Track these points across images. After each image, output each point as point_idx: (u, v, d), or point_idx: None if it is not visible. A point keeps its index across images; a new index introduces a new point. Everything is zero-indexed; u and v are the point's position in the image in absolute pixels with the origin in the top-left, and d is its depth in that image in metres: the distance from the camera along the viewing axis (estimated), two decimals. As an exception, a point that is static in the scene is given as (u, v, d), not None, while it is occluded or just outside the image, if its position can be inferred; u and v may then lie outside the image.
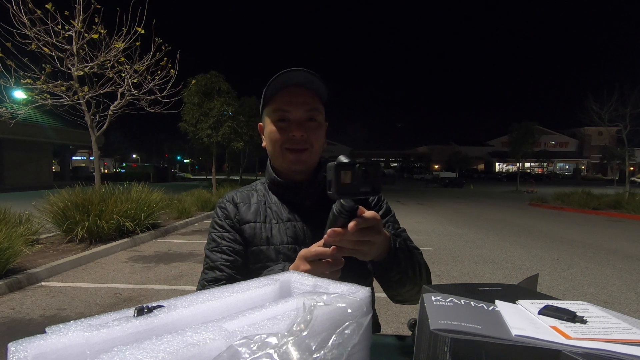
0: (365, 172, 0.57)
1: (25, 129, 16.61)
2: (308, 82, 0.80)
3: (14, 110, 5.79)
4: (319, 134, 0.83)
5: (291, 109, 0.80)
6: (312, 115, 0.81)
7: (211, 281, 0.81)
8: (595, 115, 13.97)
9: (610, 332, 0.33)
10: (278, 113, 0.81)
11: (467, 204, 14.54)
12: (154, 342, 0.28)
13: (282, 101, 0.80)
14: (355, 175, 0.57)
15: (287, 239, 0.83)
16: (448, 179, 31.74)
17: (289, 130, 0.80)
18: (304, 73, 0.78)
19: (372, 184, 0.57)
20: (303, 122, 0.80)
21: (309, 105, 0.80)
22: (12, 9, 5.16)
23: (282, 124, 0.81)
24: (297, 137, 0.79)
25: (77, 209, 5.39)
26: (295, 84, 0.80)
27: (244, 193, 0.92)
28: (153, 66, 6.10)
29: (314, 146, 0.82)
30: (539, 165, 57.55)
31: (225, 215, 0.88)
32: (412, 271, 0.74)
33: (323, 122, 0.85)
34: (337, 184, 0.56)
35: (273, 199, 0.89)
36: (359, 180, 0.57)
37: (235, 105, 13.62)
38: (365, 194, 0.57)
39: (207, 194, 10.73)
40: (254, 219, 0.86)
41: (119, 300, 3.40)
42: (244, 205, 0.89)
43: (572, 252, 5.73)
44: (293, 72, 0.78)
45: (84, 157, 47.68)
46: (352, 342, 0.35)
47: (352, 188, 0.57)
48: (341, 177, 0.56)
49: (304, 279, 0.51)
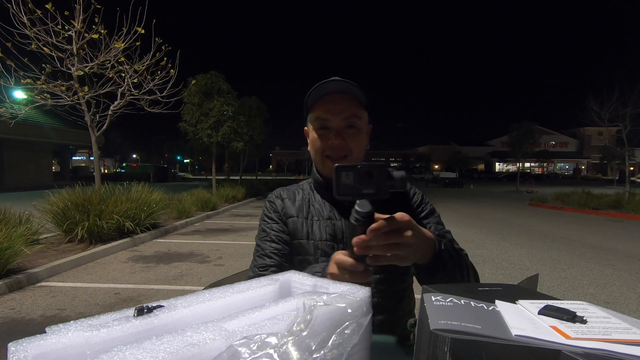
0: (369, 173, 0.57)
1: (25, 129, 16.62)
2: (345, 89, 0.84)
3: (14, 110, 5.78)
4: (359, 140, 0.86)
5: (330, 118, 0.84)
6: (351, 123, 0.84)
7: (262, 267, 0.87)
8: (595, 115, 13.96)
9: (610, 332, 0.33)
10: (318, 121, 0.86)
11: (467, 204, 14.54)
12: (154, 342, 0.28)
13: (321, 109, 0.85)
14: (357, 177, 0.57)
15: (326, 235, 0.88)
16: (448, 179, 31.72)
17: (328, 138, 0.84)
18: (341, 82, 0.83)
19: (376, 186, 0.57)
20: (342, 130, 0.84)
21: (347, 113, 0.84)
22: (12, 9, 5.16)
23: (322, 131, 0.85)
24: (336, 145, 0.83)
25: (77, 209, 5.39)
26: (334, 92, 0.84)
27: (290, 190, 0.99)
28: (153, 66, 6.10)
29: (354, 152, 0.85)
30: (539, 165, 57.56)
31: (274, 208, 0.94)
32: (460, 274, 0.71)
33: (364, 127, 0.88)
34: (337, 184, 0.57)
35: (317, 198, 0.95)
36: (362, 182, 0.57)
37: (235, 105, 13.62)
38: (368, 195, 0.57)
39: (207, 194, 10.73)
40: (296, 214, 0.92)
41: (119, 300, 3.40)
42: (290, 200, 0.95)
43: (572, 252, 5.73)
44: (331, 81, 0.83)
45: (84, 157, 47.68)
46: (352, 342, 0.35)
47: (353, 189, 0.57)
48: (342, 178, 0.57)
49: (304, 279, 0.51)
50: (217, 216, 9.73)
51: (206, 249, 5.54)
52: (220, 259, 4.97)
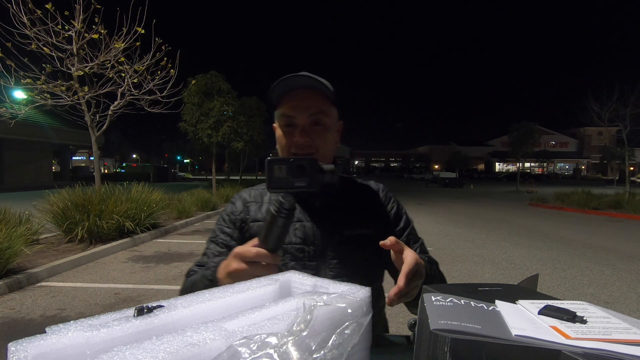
0: (301, 167, 0.59)
1: (25, 129, 16.59)
2: (311, 84, 0.79)
3: (14, 110, 5.78)
4: (326, 137, 0.82)
5: (296, 114, 0.80)
6: (317, 120, 0.80)
7: (199, 265, 0.85)
8: (595, 115, 13.97)
9: (610, 332, 0.33)
10: (284, 118, 0.82)
11: (467, 204, 14.53)
12: (154, 342, 0.28)
13: (287, 106, 0.81)
14: (290, 170, 0.59)
15: (296, 239, 0.83)
16: (448, 179, 31.69)
17: (293, 135, 0.80)
18: (307, 77, 0.78)
19: (308, 179, 0.59)
20: (307, 127, 0.80)
21: (313, 110, 0.80)
22: (12, 9, 5.15)
23: (288, 128, 0.82)
24: (302, 143, 0.79)
25: (77, 209, 5.38)
26: (299, 87, 0.80)
27: (257, 191, 0.93)
28: (153, 66, 6.10)
29: (320, 149, 0.81)
30: (539, 165, 57.52)
31: (232, 210, 0.91)
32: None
33: (332, 125, 0.84)
34: (270, 177, 0.59)
35: None
36: (294, 175, 0.59)
37: (235, 105, 13.63)
38: (300, 188, 0.59)
39: (207, 194, 10.73)
40: (263, 218, 0.87)
41: (119, 300, 3.40)
42: (256, 204, 0.90)
43: (572, 252, 5.73)
44: (296, 76, 0.78)
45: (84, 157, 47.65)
46: (352, 342, 0.35)
47: (286, 182, 0.59)
48: (275, 172, 0.59)
49: (304, 279, 0.51)
50: (217, 216, 9.73)
51: (206, 249, 5.53)
52: (220, 259, 4.97)
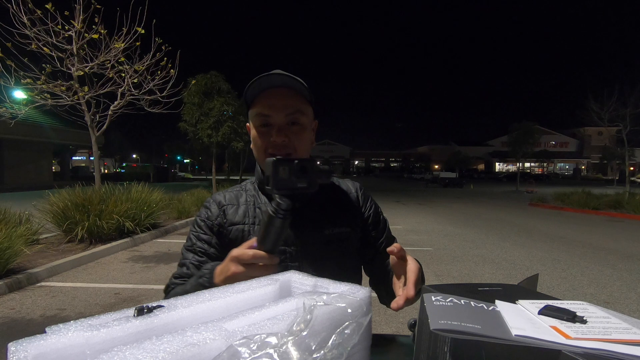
0: (303, 167, 0.59)
1: (25, 129, 16.60)
2: (287, 83, 0.77)
3: (14, 110, 5.78)
4: (303, 137, 0.80)
5: (272, 114, 0.77)
6: (294, 119, 0.79)
7: (177, 277, 0.82)
8: (595, 115, 13.96)
9: (610, 332, 0.33)
10: (260, 118, 0.79)
11: (467, 204, 14.53)
12: (154, 342, 0.28)
13: (262, 105, 0.78)
14: (292, 171, 0.59)
15: None
16: (448, 179, 31.67)
17: (270, 135, 0.78)
18: (283, 75, 0.76)
19: (308, 180, 0.60)
20: (284, 126, 0.78)
21: (290, 109, 0.78)
22: (12, 9, 5.15)
23: (263, 129, 0.79)
24: (279, 143, 0.77)
25: (77, 209, 5.39)
26: (275, 86, 0.78)
27: (232, 193, 0.90)
28: (153, 66, 6.10)
29: (298, 150, 0.79)
30: (539, 165, 57.52)
31: (207, 215, 0.87)
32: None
33: (308, 124, 0.82)
34: (275, 179, 0.58)
35: (263, 199, 0.88)
36: (296, 176, 0.59)
37: (235, 105, 13.62)
38: (301, 189, 0.59)
39: (207, 194, 10.74)
40: (242, 221, 0.85)
41: (119, 300, 3.40)
42: (232, 207, 0.87)
43: (572, 252, 5.73)
44: (271, 75, 0.76)
45: (84, 157, 47.64)
46: (352, 342, 0.35)
47: (289, 183, 0.59)
48: (279, 172, 0.58)
49: (304, 279, 0.51)
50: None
51: (206, 249, 5.53)
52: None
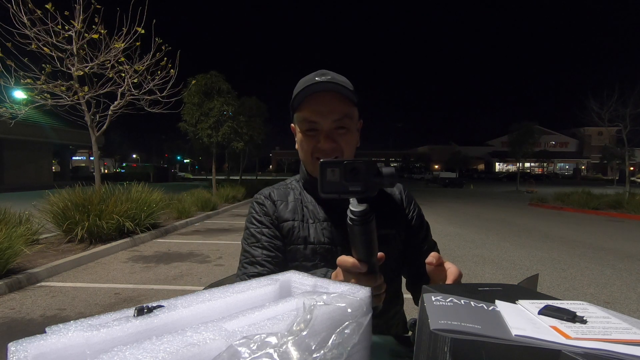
0: (355, 169, 0.54)
1: (25, 129, 16.60)
2: (334, 88, 0.78)
3: (14, 110, 5.78)
4: (349, 139, 0.81)
5: (319, 120, 0.78)
6: (341, 124, 0.79)
7: (254, 276, 0.80)
8: (595, 115, 13.97)
9: (610, 332, 0.33)
10: (306, 123, 0.79)
11: (467, 204, 14.53)
12: (154, 342, 0.28)
13: (309, 110, 0.79)
14: (343, 173, 0.54)
15: (325, 239, 0.83)
16: (448, 179, 31.68)
17: (317, 140, 0.79)
18: (329, 83, 0.77)
19: (363, 183, 0.54)
20: (332, 132, 0.79)
21: (337, 114, 0.78)
22: (12, 9, 5.15)
23: (311, 133, 0.80)
24: (327, 148, 0.78)
25: (77, 209, 5.38)
26: (321, 91, 0.78)
27: (280, 190, 0.91)
28: (153, 66, 6.10)
29: (345, 152, 0.80)
30: (539, 165, 57.53)
31: (264, 211, 0.87)
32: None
33: (354, 126, 0.83)
34: (323, 181, 0.55)
35: (309, 198, 0.89)
36: (348, 178, 0.54)
37: (235, 105, 13.62)
38: (354, 193, 0.55)
39: (207, 194, 10.74)
40: (292, 217, 0.85)
41: (119, 300, 3.40)
42: (282, 203, 0.88)
43: (572, 252, 5.73)
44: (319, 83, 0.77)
45: (84, 157, 47.65)
46: (352, 341, 0.35)
47: (340, 186, 0.55)
48: (327, 175, 0.55)
49: (304, 279, 0.51)
50: (217, 216, 9.73)
51: (206, 249, 5.53)
52: (221, 259, 4.97)
